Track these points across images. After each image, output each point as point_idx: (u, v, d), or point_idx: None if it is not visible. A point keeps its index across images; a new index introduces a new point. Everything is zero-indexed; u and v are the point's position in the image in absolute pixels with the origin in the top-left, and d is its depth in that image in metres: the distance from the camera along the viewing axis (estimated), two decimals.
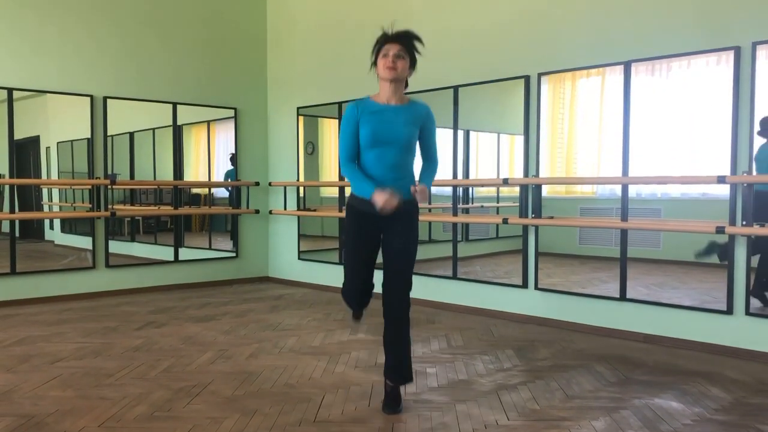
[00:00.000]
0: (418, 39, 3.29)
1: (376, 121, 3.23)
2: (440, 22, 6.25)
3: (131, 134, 7.36)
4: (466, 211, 6.32)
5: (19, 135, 6.35)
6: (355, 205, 3.34)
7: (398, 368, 3.42)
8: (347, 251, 3.47)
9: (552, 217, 5.41)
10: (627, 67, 4.95)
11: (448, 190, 6.22)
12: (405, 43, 3.24)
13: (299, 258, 7.78)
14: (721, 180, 4.37)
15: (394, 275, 3.36)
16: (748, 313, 4.44)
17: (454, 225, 6.19)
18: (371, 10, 6.91)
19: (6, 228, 6.47)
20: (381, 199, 3.09)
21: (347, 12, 7.17)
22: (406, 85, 3.43)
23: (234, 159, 7.88)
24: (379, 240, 3.37)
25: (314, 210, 7.53)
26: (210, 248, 7.94)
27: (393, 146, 3.23)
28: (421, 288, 6.45)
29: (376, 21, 6.76)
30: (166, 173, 7.43)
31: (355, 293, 3.52)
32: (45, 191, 7.14)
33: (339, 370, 4.12)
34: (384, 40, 3.27)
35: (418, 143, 3.37)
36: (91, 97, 6.79)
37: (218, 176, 7.94)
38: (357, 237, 3.37)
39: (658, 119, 4.93)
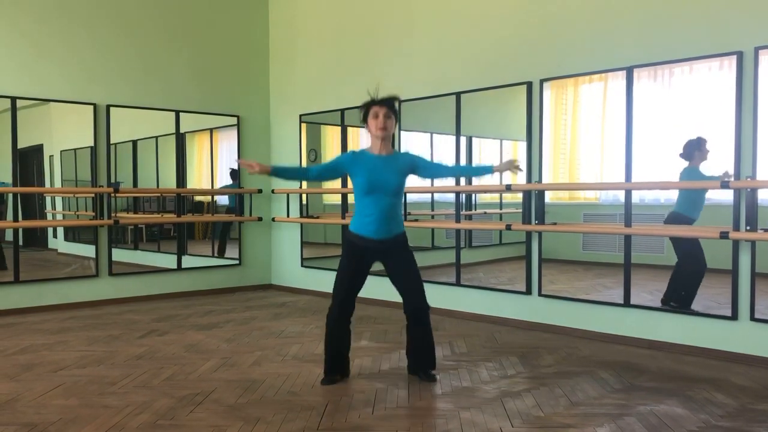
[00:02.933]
0: (398, 100, 4.00)
1: (371, 172, 3.84)
2: (442, 29, 6.26)
3: (134, 142, 7.38)
4: (469, 217, 6.32)
5: (22, 143, 6.37)
6: (352, 239, 3.94)
7: (425, 361, 4.10)
8: (337, 278, 4.02)
9: (555, 223, 5.40)
10: (629, 72, 4.95)
11: (451, 196, 6.21)
12: (390, 106, 3.89)
13: (302, 265, 7.78)
14: (724, 185, 4.37)
15: (408, 281, 3.98)
16: (753, 318, 4.42)
17: (457, 231, 6.18)
18: (374, 19, 6.93)
19: (9, 236, 6.49)
20: (258, 165, 3.84)
21: (349, 20, 7.19)
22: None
23: (233, 173, 7.89)
24: (367, 271, 4.00)
25: (317, 217, 7.53)
26: (213, 256, 7.94)
27: (386, 193, 3.85)
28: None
29: (378, 29, 6.85)
30: (169, 181, 7.44)
31: (335, 320, 4.01)
32: (48, 200, 7.16)
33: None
34: (372, 103, 3.90)
35: (424, 170, 4.05)
36: (94, 105, 6.81)
37: (221, 184, 7.94)
38: (348, 265, 3.96)
39: (661, 125, 4.92)
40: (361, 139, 6.69)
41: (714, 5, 4.60)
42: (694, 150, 4.69)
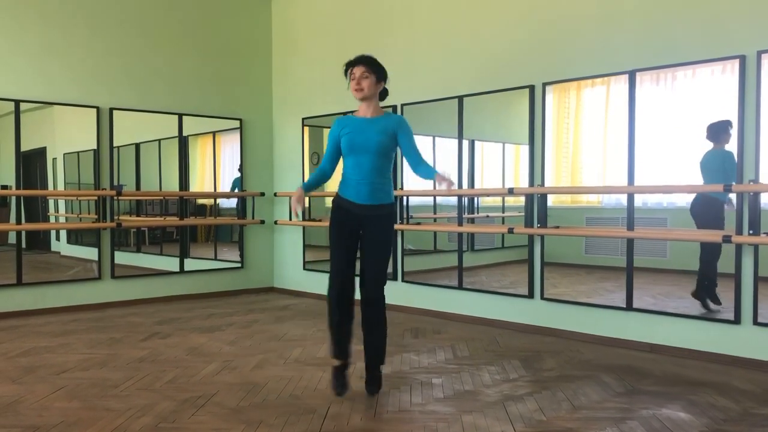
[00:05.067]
0: (376, 61, 3.77)
1: (352, 132, 3.67)
2: (445, 34, 6.27)
3: (137, 145, 7.39)
4: (472, 220, 6.32)
5: (25, 146, 6.39)
6: (337, 202, 3.78)
7: (374, 354, 3.83)
8: (331, 242, 3.80)
9: (558, 227, 5.40)
10: (632, 76, 4.95)
11: (454, 199, 6.21)
12: (368, 63, 3.70)
13: (304, 268, 7.78)
14: (727, 189, 4.36)
15: (369, 263, 3.74)
16: (756, 322, 4.41)
17: (460, 235, 6.18)
18: (376, 22, 6.94)
19: (12, 239, 6.50)
20: (293, 198, 3.75)
21: (352, 23, 7.20)
22: (386, 94, 3.88)
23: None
24: (358, 235, 3.75)
25: (319, 220, 7.53)
26: (215, 259, 7.94)
27: (368, 153, 3.64)
28: (427, 298, 6.44)
29: (381, 32, 6.86)
30: (171, 184, 7.45)
31: (337, 293, 3.75)
32: (51, 202, 7.17)
33: None
34: (349, 64, 3.76)
35: (400, 151, 3.77)
36: (97, 108, 6.82)
37: (224, 187, 7.96)
38: (339, 229, 3.75)
39: (664, 128, 4.92)
40: None
41: (717, 9, 4.60)
42: (721, 132, 4.57)
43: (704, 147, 4.69)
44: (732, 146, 4.48)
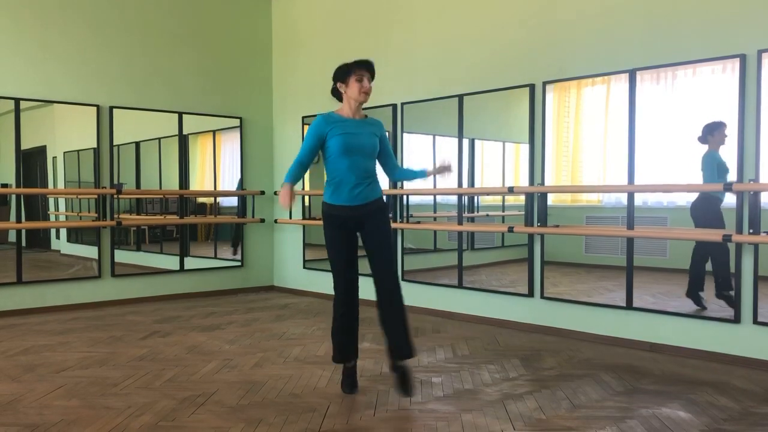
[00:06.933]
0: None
1: (346, 133, 3.71)
2: (445, 32, 6.27)
3: (137, 144, 7.39)
4: (472, 219, 6.32)
5: (25, 145, 6.39)
6: (329, 211, 3.80)
7: (400, 346, 3.72)
8: (330, 254, 3.83)
9: (557, 226, 5.40)
10: (632, 75, 4.94)
11: (454, 198, 6.21)
12: (372, 71, 3.80)
13: (304, 267, 7.78)
14: (727, 188, 4.36)
15: (378, 259, 3.75)
16: (756, 321, 4.41)
17: (460, 234, 6.17)
18: (376, 21, 6.94)
19: (12, 237, 6.49)
20: (282, 195, 3.63)
21: (352, 22, 7.20)
22: None
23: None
24: (355, 239, 3.81)
25: (319, 219, 7.51)
26: (215, 257, 7.94)
27: (362, 154, 3.71)
28: (427, 297, 6.44)
29: (381, 31, 6.86)
30: (171, 182, 7.45)
31: (344, 292, 3.81)
32: (51, 201, 7.17)
33: None
34: (357, 65, 3.77)
35: (382, 155, 3.88)
36: (98, 106, 6.82)
37: (224, 185, 7.95)
38: (335, 239, 3.78)
39: (664, 127, 4.92)
40: None
41: (717, 8, 4.60)
42: (707, 134, 4.63)
43: (703, 146, 4.70)
44: (731, 145, 4.47)
